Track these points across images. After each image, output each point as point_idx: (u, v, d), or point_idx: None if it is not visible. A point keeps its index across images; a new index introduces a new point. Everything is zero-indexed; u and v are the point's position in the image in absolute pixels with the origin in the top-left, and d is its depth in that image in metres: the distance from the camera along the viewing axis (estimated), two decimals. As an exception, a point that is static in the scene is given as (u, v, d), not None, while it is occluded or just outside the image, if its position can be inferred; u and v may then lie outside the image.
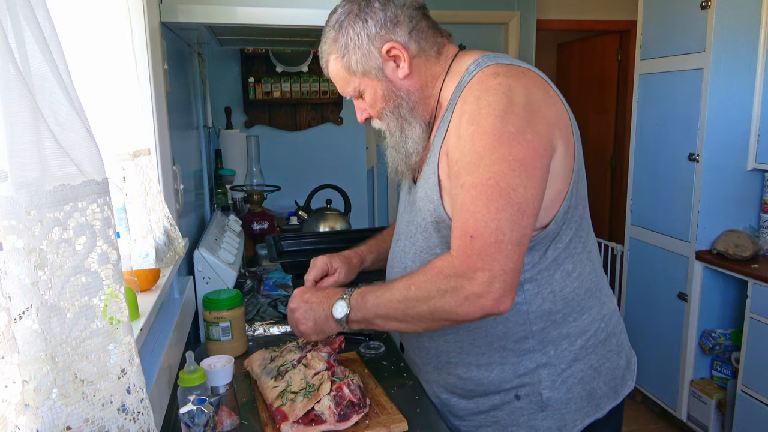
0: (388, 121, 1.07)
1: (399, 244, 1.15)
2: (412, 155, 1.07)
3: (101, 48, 1.08)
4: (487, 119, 0.90)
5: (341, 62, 1.04)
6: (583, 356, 1.06)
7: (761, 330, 2.19)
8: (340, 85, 1.08)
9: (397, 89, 1.04)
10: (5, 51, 0.52)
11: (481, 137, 0.89)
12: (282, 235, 2.02)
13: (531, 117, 0.90)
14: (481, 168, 0.88)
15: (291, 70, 3.18)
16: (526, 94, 0.92)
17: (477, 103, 0.92)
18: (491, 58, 1.00)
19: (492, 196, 0.87)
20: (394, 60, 1.02)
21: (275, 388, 1.12)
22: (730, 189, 2.44)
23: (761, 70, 2.35)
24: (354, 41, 1.01)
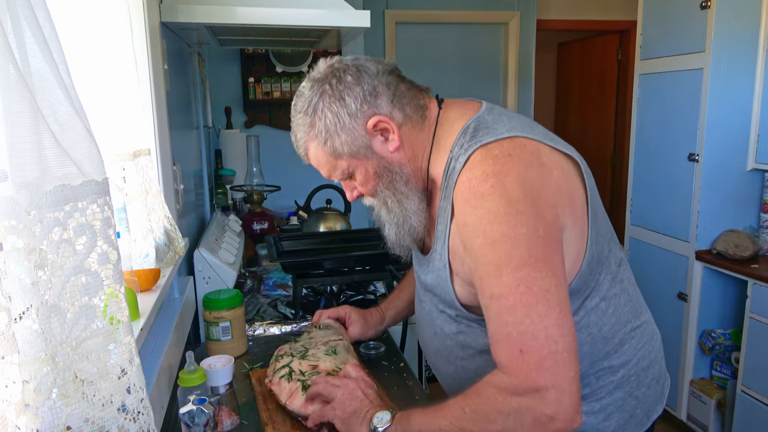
0: (384, 198, 1.00)
1: (424, 306, 1.10)
2: (417, 228, 1.01)
3: (101, 48, 1.08)
4: (491, 228, 0.83)
5: (324, 148, 0.96)
6: (624, 385, 1.02)
7: (761, 330, 2.19)
8: (326, 171, 1.00)
9: (389, 164, 0.97)
10: (5, 51, 0.52)
11: (492, 247, 0.83)
12: (282, 235, 2.02)
13: (535, 208, 0.84)
14: (504, 277, 0.82)
15: (291, 70, 3.19)
16: (522, 184, 0.84)
17: (476, 213, 0.85)
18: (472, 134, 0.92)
19: (530, 304, 0.80)
20: (381, 133, 0.95)
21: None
22: (729, 189, 2.44)
23: (761, 70, 2.35)
24: (335, 123, 0.93)
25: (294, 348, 1.24)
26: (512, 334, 0.81)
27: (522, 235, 0.82)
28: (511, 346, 0.81)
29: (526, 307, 0.80)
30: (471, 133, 0.92)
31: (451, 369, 1.06)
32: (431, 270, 1.01)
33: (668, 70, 2.56)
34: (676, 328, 2.59)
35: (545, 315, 0.80)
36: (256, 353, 1.44)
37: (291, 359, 1.19)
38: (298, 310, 1.67)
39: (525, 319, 0.80)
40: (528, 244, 0.82)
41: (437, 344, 1.07)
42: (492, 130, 0.91)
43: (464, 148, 0.91)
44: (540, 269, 0.81)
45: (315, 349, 1.21)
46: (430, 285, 1.02)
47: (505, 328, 0.82)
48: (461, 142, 0.92)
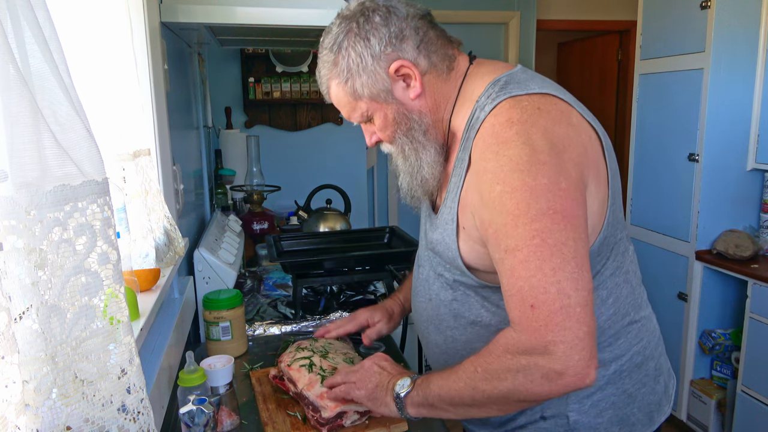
0: (401, 145, 0.98)
1: (422, 271, 1.09)
2: (429, 180, 0.99)
3: (101, 48, 1.08)
4: (512, 176, 0.81)
5: (344, 88, 0.94)
6: (616, 380, 0.99)
7: (761, 330, 2.19)
8: (346, 112, 0.99)
9: (408, 111, 0.95)
10: (5, 51, 0.52)
11: (511, 196, 0.80)
12: (282, 235, 2.02)
13: (559, 162, 0.81)
14: (520, 228, 0.79)
15: (291, 70, 3.19)
16: (548, 137, 0.82)
17: (497, 160, 0.83)
18: (502, 86, 0.90)
19: (543, 256, 0.78)
20: (403, 79, 0.93)
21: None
22: (730, 189, 2.44)
23: (761, 70, 2.35)
24: (357, 63, 0.91)
25: (315, 346, 1.24)
26: (524, 288, 0.79)
27: (542, 186, 0.79)
28: (523, 300, 0.79)
29: (539, 260, 0.78)
30: (501, 85, 0.90)
31: (440, 338, 1.05)
32: (438, 226, 0.99)
33: (668, 70, 2.56)
34: (676, 328, 2.59)
35: (558, 268, 0.77)
36: (256, 353, 1.44)
37: (312, 354, 1.20)
38: (298, 310, 1.67)
39: (537, 272, 0.78)
40: (548, 195, 0.79)
41: (430, 311, 1.06)
42: (524, 85, 0.89)
43: (491, 98, 0.89)
44: (558, 222, 0.79)
45: (334, 354, 1.21)
46: (435, 242, 1.00)
47: (518, 282, 0.80)
48: (489, 92, 0.91)
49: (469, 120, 0.92)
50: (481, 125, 0.87)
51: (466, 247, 0.94)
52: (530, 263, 0.79)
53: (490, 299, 0.98)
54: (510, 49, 3.91)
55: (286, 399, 1.17)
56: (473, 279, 0.96)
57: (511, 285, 0.81)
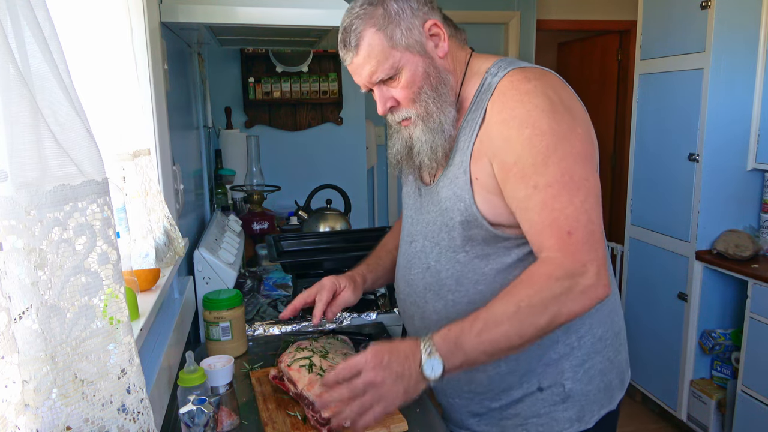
0: (426, 101, 1.01)
1: (416, 245, 1.12)
2: (452, 138, 1.03)
3: (101, 48, 1.08)
4: (541, 120, 0.92)
5: (382, 35, 0.98)
6: (601, 348, 1.08)
7: (761, 330, 2.19)
8: (375, 62, 0.99)
9: (438, 66, 1.02)
10: (5, 51, 0.52)
11: (541, 138, 0.91)
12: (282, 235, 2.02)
13: (572, 114, 0.95)
14: (551, 166, 0.91)
15: (291, 70, 3.19)
16: (559, 94, 0.95)
17: (524, 107, 0.93)
18: (509, 62, 1.02)
19: (572, 191, 0.90)
20: (432, 38, 1.01)
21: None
22: (730, 189, 2.43)
23: (761, 70, 2.34)
24: (399, 13, 0.98)
25: (315, 346, 1.24)
26: (559, 218, 0.90)
27: (564, 131, 0.92)
28: (560, 228, 0.90)
29: (569, 194, 0.90)
30: (510, 61, 1.03)
31: (440, 305, 1.08)
32: (443, 186, 1.04)
33: (668, 70, 2.56)
34: (676, 328, 2.59)
35: (585, 200, 0.91)
36: (256, 353, 1.44)
37: (312, 354, 1.20)
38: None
39: (569, 205, 0.90)
40: (570, 138, 0.92)
41: (429, 279, 1.09)
42: (530, 65, 1.03)
43: (503, 68, 1.00)
44: (578, 161, 0.92)
45: (334, 354, 1.21)
46: (444, 199, 1.04)
47: (552, 213, 0.91)
48: (499, 65, 1.02)
49: (479, 87, 1.02)
50: (499, 83, 0.98)
51: (479, 197, 1.00)
52: (563, 197, 0.90)
53: (496, 254, 1.03)
54: (510, 49, 3.91)
55: (286, 399, 1.17)
56: (487, 227, 1.01)
57: (545, 217, 0.92)
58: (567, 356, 1.06)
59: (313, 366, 1.15)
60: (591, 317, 1.06)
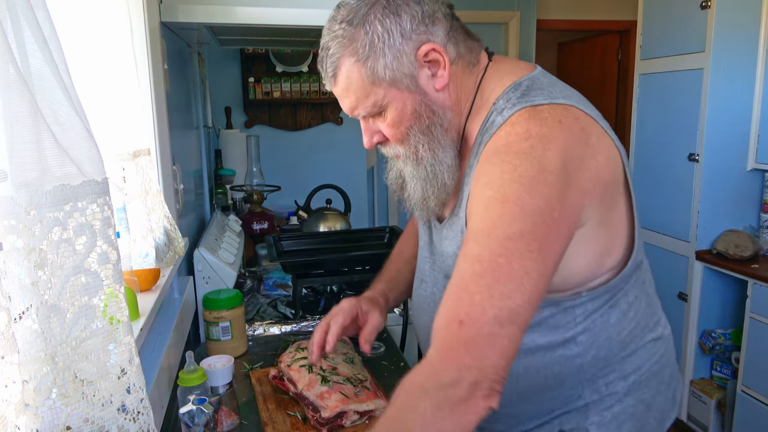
0: (415, 145, 0.86)
1: (425, 288, 0.99)
2: (449, 186, 0.87)
3: (101, 48, 1.08)
4: (510, 186, 0.73)
5: (362, 68, 0.81)
6: (635, 391, 0.93)
7: (761, 330, 2.19)
8: (354, 99, 0.85)
9: (431, 103, 0.84)
10: (5, 51, 0.52)
11: (500, 205, 0.73)
12: (282, 235, 2.02)
13: (564, 188, 0.74)
14: (492, 240, 0.72)
15: (291, 70, 3.19)
16: (563, 157, 0.74)
17: (501, 165, 0.75)
18: (524, 91, 0.81)
19: (499, 278, 0.70)
20: (429, 66, 0.82)
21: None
22: (730, 189, 2.43)
23: (761, 70, 2.34)
24: (383, 40, 0.79)
25: None
26: (463, 301, 0.71)
27: (535, 208, 0.72)
28: (455, 313, 0.71)
29: (492, 280, 0.70)
30: (523, 90, 0.82)
31: None
32: (447, 237, 0.90)
33: (668, 70, 2.56)
34: (676, 328, 2.59)
35: (507, 296, 0.70)
36: (256, 353, 1.44)
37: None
38: (298, 310, 1.67)
39: (484, 290, 0.70)
40: (536, 218, 0.72)
41: None
42: (547, 92, 0.81)
43: (511, 102, 0.80)
44: (533, 249, 0.71)
45: (334, 354, 1.22)
46: (447, 255, 0.90)
47: (461, 293, 0.72)
48: (509, 96, 0.82)
49: (484, 123, 0.84)
50: (496, 133, 0.79)
51: None
52: (482, 279, 0.71)
53: None
54: (510, 49, 3.91)
55: (286, 399, 1.17)
56: None
57: (451, 292, 0.74)
58: (594, 402, 0.93)
59: (312, 366, 1.15)
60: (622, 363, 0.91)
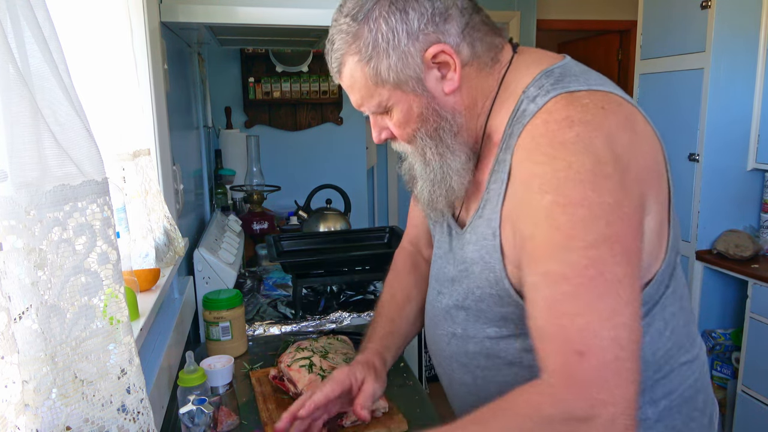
0: (423, 148, 0.82)
1: (442, 300, 0.91)
2: (456, 190, 0.83)
3: (101, 48, 1.08)
4: (571, 186, 0.66)
5: (365, 68, 0.77)
6: (665, 417, 0.85)
7: (761, 330, 2.19)
8: (359, 97, 0.81)
9: (439, 107, 0.79)
10: (5, 51, 0.52)
11: (565, 210, 0.66)
12: (282, 235, 2.02)
13: (623, 179, 0.67)
14: (574, 253, 0.65)
15: (291, 70, 3.19)
16: (612, 145, 0.67)
17: (551, 164, 0.68)
18: (558, 78, 0.75)
19: (599, 294, 0.64)
20: (438, 68, 0.77)
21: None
22: (730, 189, 2.43)
23: (761, 70, 2.34)
24: (387, 40, 0.74)
25: (315, 346, 1.24)
26: (569, 329, 0.64)
27: (606, 205, 0.65)
28: (567, 344, 0.64)
29: (592, 297, 0.64)
30: (556, 77, 0.75)
31: (468, 378, 0.89)
32: (470, 241, 0.82)
33: (668, 70, 2.56)
34: (676, 328, 2.60)
35: (615, 312, 0.63)
36: (256, 353, 1.44)
37: (312, 354, 1.20)
38: (298, 310, 1.67)
39: (589, 312, 0.63)
40: (610, 217, 0.65)
41: (455, 348, 0.89)
42: (583, 79, 0.75)
43: (545, 89, 0.74)
44: (617, 253, 0.65)
45: (334, 354, 1.22)
46: (468, 261, 0.83)
47: (560, 319, 0.65)
48: (541, 83, 0.75)
49: (512, 116, 0.77)
50: (530, 121, 0.72)
51: (513, 271, 0.77)
52: (581, 298, 0.64)
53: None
54: (510, 49, 3.91)
55: (286, 399, 1.17)
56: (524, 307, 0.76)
57: (550, 322, 0.66)
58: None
59: (313, 366, 1.15)
60: (653, 388, 0.83)
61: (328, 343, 1.27)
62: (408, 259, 1.15)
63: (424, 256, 1.14)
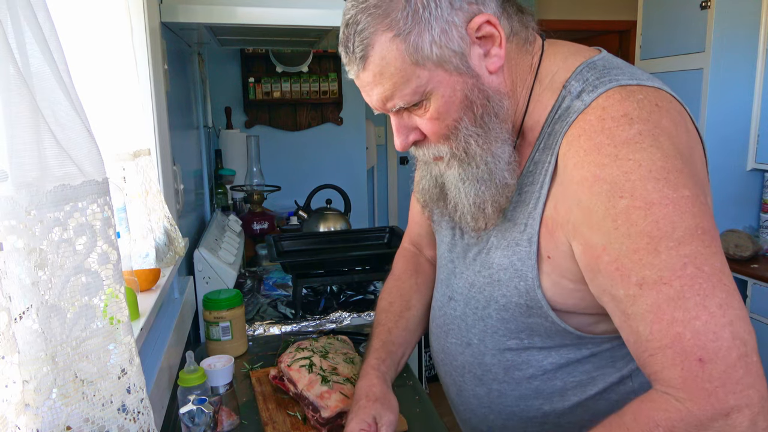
0: (467, 139, 0.71)
1: (455, 307, 0.85)
2: (510, 186, 0.73)
3: (101, 48, 1.08)
4: (645, 186, 0.61)
5: (401, 45, 0.66)
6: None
7: (761, 330, 2.19)
8: (391, 85, 0.68)
9: (485, 88, 0.70)
10: (5, 51, 0.52)
11: (646, 213, 0.61)
12: (282, 235, 2.02)
13: (692, 172, 0.65)
14: (664, 254, 0.60)
15: (291, 70, 3.19)
16: (675, 140, 0.64)
17: (618, 165, 0.62)
18: (603, 71, 0.69)
19: (704, 290, 0.59)
20: (481, 44, 0.68)
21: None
22: (729, 189, 2.44)
23: (761, 70, 2.35)
24: (429, 9, 0.64)
25: (315, 346, 1.25)
26: (685, 336, 0.59)
27: (686, 199, 0.61)
28: (686, 352, 0.59)
29: (699, 296, 0.59)
30: (601, 69, 0.70)
31: (482, 391, 0.83)
32: (497, 248, 0.75)
33: (668, 70, 2.56)
34: (676, 328, 2.60)
35: (726, 305, 0.59)
36: (256, 353, 1.44)
37: (312, 354, 1.19)
38: (298, 310, 1.67)
39: (702, 312, 0.59)
40: (693, 210, 0.61)
41: (469, 358, 0.83)
42: (629, 72, 0.70)
43: (592, 84, 0.68)
44: (709, 244, 0.61)
45: (334, 354, 1.22)
46: (496, 266, 0.76)
47: (672, 326, 0.60)
48: (585, 77, 0.69)
49: (554, 110, 0.71)
50: (580, 117, 0.66)
51: (548, 280, 0.72)
52: (688, 300, 0.59)
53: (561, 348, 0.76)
54: (510, 49, 3.92)
55: (286, 399, 1.17)
56: (554, 319, 0.73)
57: (661, 332, 0.61)
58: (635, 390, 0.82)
59: (313, 366, 1.15)
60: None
61: (328, 343, 1.27)
62: (409, 262, 1.10)
63: (426, 257, 1.10)
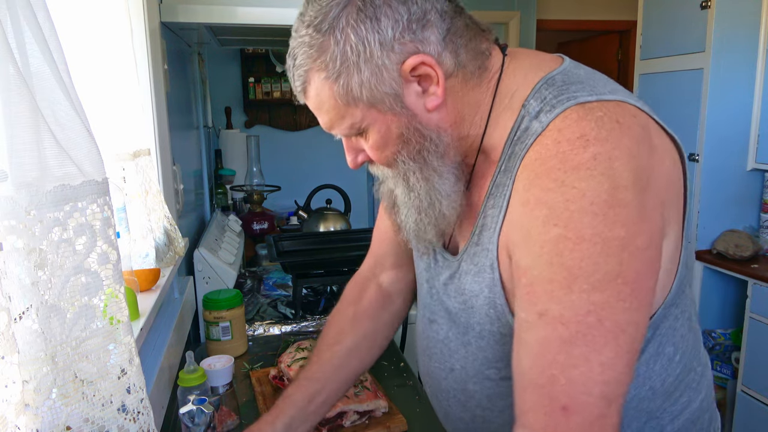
0: (406, 172, 0.72)
1: (437, 330, 0.83)
2: (448, 217, 0.74)
3: (101, 48, 1.08)
4: (581, 218, 0.58)
5: (333, 86, 0.66)
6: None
7: (761, 330, 2.19)
8: (328, 119, 0.70)
9: (422, 126, 0.69)
10: (5, 51, 0.52)
11: (573, 246, 0.58)
12: (282, 235, 2.02)
13: (641, 203, 0.60)
14: (575, 295, 0.58)
15: (291, 70, 3.19)
16: (633, 165, 0.60)
17: (562, 192, 0.59)
18: (561, 87, 0.66)
19: (595, 343, 0.58)
20: (419, 81, 0.67)
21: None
22: (730, 189, 2.44)
23: (761, 70, 2.35)
24: (358, 52, 0.64)
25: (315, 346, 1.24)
26: (558, 380, 0.58)
27: (617, 241, 0.58)
28: (554, 398, 0.59)
29: (588, 347, 0.58)
30: (559, 86, 0.67)
31: (467, 416, 0.83)
32: (468, 273, 0.74)
33: (668, 70, 2.56)
34: (676, 328, 2.60)
35: (609, 365, 0.58)
36: (256, 353, 1.44)
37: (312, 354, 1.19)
38: (298, 310, 1.67)
39: (583, 363, 0.58)
40: (622, 255, 0.58)
41: (453, 384, 0.82)
42: (589, 86, 0.66)
43: (550, 104, 0.65)
44: (625, 297, 0.58)
45: None
46: (467, 293, 0.75)
47: (550, 368, 0.59)
48: (542, 95, 0.67)
49: (512, 132, 0.69)
50: (538, 141, 0.64)
51: (513, 301, 0.69)
52: (576, 347, 0.58)
53: None
54: (510, 49, 3.92)
55: (286, 399, 1.17)
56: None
57: (540, 369, 0.60)
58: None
59: None
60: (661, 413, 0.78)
61: None
62: (353, 288, 1.05)
63: (380, 282, 1.04)
